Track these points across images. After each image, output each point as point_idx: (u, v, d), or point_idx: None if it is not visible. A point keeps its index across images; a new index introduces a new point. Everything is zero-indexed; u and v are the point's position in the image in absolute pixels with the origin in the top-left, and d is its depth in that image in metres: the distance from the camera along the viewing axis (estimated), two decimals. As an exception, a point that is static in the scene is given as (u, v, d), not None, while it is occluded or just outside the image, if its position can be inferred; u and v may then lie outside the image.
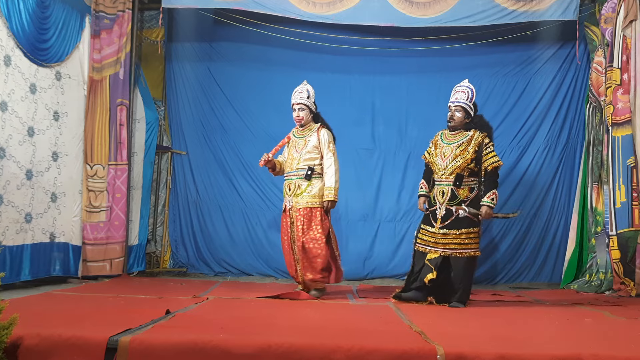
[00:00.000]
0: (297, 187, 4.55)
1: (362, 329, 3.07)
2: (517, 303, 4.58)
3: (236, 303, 4.01)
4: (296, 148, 4.65)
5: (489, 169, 4.18)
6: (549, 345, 2.66)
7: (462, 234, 4.12)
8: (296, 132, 4.76)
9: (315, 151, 4.60)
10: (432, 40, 6.12)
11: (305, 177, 4.53)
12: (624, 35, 5.20)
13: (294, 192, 4.56)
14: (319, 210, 4.51)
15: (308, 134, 4.67)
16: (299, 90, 4.75)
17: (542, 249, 6.20)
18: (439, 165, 4.27)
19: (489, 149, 4.22)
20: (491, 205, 4.13)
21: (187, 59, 6.52)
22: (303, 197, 4.51)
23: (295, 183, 4.57)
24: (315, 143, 4.60)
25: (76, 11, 5.39)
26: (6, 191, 4.48)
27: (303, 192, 4.52)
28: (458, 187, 4.17)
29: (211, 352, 2.43)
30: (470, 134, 4.27)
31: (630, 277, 5.02)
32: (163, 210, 6.48)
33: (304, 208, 4.49)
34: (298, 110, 4.69)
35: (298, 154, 4.61)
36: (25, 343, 2.46)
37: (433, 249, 4.18)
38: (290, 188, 4.60)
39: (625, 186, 5.07)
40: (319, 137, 4.63)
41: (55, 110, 5.12)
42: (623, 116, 5.15)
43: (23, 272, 4.66)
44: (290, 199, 4.57)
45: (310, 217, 4.49)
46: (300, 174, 4.56)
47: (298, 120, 4.71)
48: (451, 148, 4.25)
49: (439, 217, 4.20)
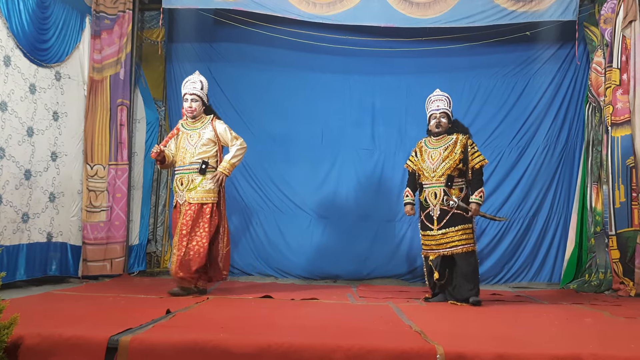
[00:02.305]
0: (191, 181, 4.34)
1: (362, 328, 3.07)
2: (516, 303, 4.58)
3: (236, 303, 4.01)
4: (189, 141, 4.42)
5: (476, 167, 4.38)
6: (548, 345, 2.66)
7: (458, 230, 4.28)
8: (186, 124, 4.51)
9: (211, 144, 4.42)
10: (432, 40, 6.13)
11: (200, 171, 4.33)
12: (624, 35, 5.21)
13: (187, 187, 4.34)
14: (210, 206, 4.33)
15: (201, 126, 4.46)
16: (191, 80, 4.51)
17: (542, 248, 6.20)
18: (429, 169, 4.41)
19: (474, 149, 4.43)
20: (479, 202, 4.33)
21: (187, 59, 6.53)
22: (197, 191, 4.32)
23: (188, 177, 4.36)
24: (211, 136, 4.42)
25: (76, 11, 5.39)
26: (5, 191, 4.48)
27: (197, 187, 4.33)
28: (450, 188, 4.32)
29: (211, 351, 2.43)
30: (454, 137, 4.45)
31: (630, 277, 5.03)
32: (163, 210, 6.48)
33: (195, 203, 4.30)
34: (191, 102, 4.45)
35: (192, 148, 4.39)
36: (26, 343, 2.46)
37: (436, 251, 4.33)
38: (182, 182, 4.38)
39: (625, 186, 5.08)
40: (215, 129, 4.45)
41: (55, 110, 5.13)
42: (622, 116, 5.16)
43: (18, 272, 4.66)
44: (183, 193, 4.36)
45: (199, 213, 4.30)
46: (194, 168, 4.36)
47: (190, 112, 4.46)
48: (439, 151, 4.41)
49: (435, 218, 4.33)
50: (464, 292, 4.27)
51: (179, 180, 4.42)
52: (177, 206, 4.45)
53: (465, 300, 4.27)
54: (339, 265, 6.15)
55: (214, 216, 4.36)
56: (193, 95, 4.45)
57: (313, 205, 6.33)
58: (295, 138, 6.40)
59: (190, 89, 4.47)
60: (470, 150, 4.39)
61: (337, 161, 6.40)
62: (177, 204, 4.44)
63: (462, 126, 4.57)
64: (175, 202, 4.48)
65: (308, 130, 6.40)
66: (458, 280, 4.31)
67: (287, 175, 6.38)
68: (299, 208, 6.34)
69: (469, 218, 4.33)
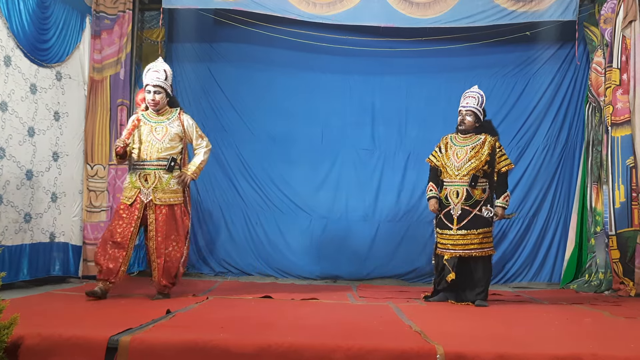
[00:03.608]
0: (158, 179, 4.07)
1: (362, 328, 3.07)
2: (516, 303, 4.59)
3: (236, 303, 4.02)
4: (155, 135, 4.10)
5: (502, 170, 4.33)
6: (548, 345, 2.66)
7: (480, 233, 4.23)
8: (149, 117, 4.18)
9: (177, 140, 4.16)
10: (432, 40, 6.13)
11: (168, 168, 4.07)
12: (624, 35, 5.20)
13: (154, 185, 4.06)
14: (179, 207, 4.15)
15: (167, 120, 4.18)
16: (153, 69, 4.15)
17: (542, 248, 6.20)
18: (453, 166, 4.33)
19: (502, 152, 4.38)
20: (505, 207, 4.31)
21: (187, 59, 6.53)
22: (165, 192, 4.07)
23: (154, 174, 4.07)
24: (178, 131, 4.16)
25: (76, 11, 5.39)
26: (6, 191, 4.49)
27: (164, 187, 4.08)
28: (473, 188, 4.25)
29: (211, 351, 2.43)
30: (482, 137, 4.38)
31: (630, 277, 5.03)
32: (163, 210, 6.48)
33: (165, 205, 4.07)
34: (154, 93, 4.10)
35: (160, 142, 4.09)
36: (26, 343, 2.46)
37: (452, 251, 4.26)
38: (148, 179, 4.07)
39: (625, 186, 5.08)
40: (183, 123, 4.20)
41: (56, 110, 5.13)
42: (622, 116, 5.16)
43: (21, 272, 4.66)
44: (148, 192, 4.05)
45: (172, 216, 4.10)
46: (161, 165, 4.08)
47: (153, 104, 4.13)
48: (465, 150, 4.34)
49: (455, 217, 4.27)
50: (471, 295, 4.25)
51: (144, 176, 4.09)
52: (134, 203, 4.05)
53: (466, 300, 4.25)
54: (339, 265, 6.16)
55: (184, 217, 4.19)
56: (156, 87, 4.11)
57: (313, 205, 6.34)
58: (295, 138, 6.41)
59: (152, 80, 4.10)
60: (497, 153, 4.32)
61: (337, 161, 6.40)
62: (137, 201, 4.05)
63: (492, 127, 4.49)
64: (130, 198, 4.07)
65: (308, 130, 6.40)
66: (468, 283, 4.28)
67: (287, 175, 6.39)
68: (299, 208, 6.34)
69: (490, 221, 4.27)
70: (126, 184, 4.19)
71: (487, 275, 4.29)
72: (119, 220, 4.07)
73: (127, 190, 4.14)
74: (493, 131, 4.46)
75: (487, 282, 4.30)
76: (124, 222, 4.06)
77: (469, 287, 4.29)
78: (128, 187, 4.14)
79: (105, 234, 4.15)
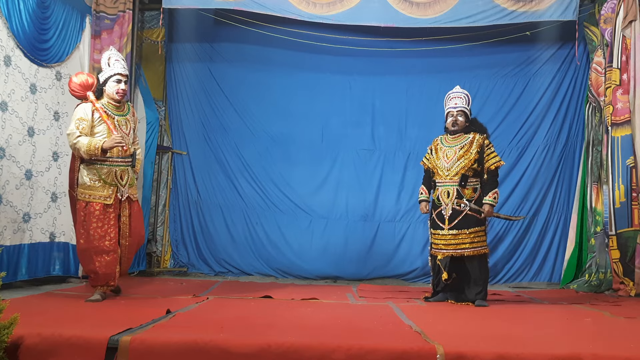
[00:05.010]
0: (129, 176, 4.02)
1: (362, 328, 3.07)
2: (516, 303, 4.58)
3: (236, 303, 4.02)
4: (123, 130, 3.97)
5: (491, 168, 4.29)
6: (548, 345, 2.66)
7: (471, 233, 4.22)
8: (112, 109, 3.99)
9: (133, 134, 4.12)
10: (432, 40, 6.13)
11: (132, 165, 4.04)
12: (624, 35, 5.20)
13: (128, 182, 3.99)
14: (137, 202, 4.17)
15: (128, 113, 4.08)
16: (115, 58, 4.03)
17: (542, 248, 6.21)
18: (443, 167, 4.34)
19: (490, 150, 4.34)
20: (493, 204, 4.25)
21: (187, 59, 6.53)
22: (134, 188, 4.08)
23: (127, 171, 4.00)
24: (135, 125, 4.15)
25: (76, 11, 5.39)
26: (5, 191, 4.48)
27: (133, 183, 4.06)
28: (463, 187, 4.25)
29: (211, 351, 2.44)
30: (470, 136, 4.37)
31: (630, 277, 5.03)
32: (164, 210, 6.48)
33: (136, 201, 4.09)
34: (124, 83, 3.99)
35: (128, 137, 4.00)
36: (26, 343, 2.47)
37: (445, 251, 4.26)
38: (122, 177, 3.94)
39: (625, 186, 5.08)
40: (135, 116, 4.19)
41: (56, 110, 5.13)
42: (622, 116, 5.16)
43: (20, 272, 4.65)
44: (125, 190, 3.96)
45: (140, 211, 4.14)
46: (128, 161, 4.00)
47: (122, 94, 3.98)
48: (454, 150, 4.33)
49: (446, 217, 4.27)
50: (471, 295, 4.25)
51: (118, 174, 3.92)
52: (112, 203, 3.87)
53: (466, 300, 4.26)
54: (339, 265, 6.16)
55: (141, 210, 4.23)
56: (126, 77, 4.03)
57: (313, 205, 6.34)
58: (295, 138, 6.41)
59: (121, 69, 3.99)
60: (486, 151, 4.30)
61: (337, 161, 6.40)
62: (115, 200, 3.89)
63: (481, 125, 4.48)
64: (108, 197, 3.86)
65: (308, 130, 6.40)
66: (466, 283, 4.28)
67: (287, 175, 6.39)
68: (299, 208, 6.34)
69: (482, 220, 4.25)
70: (94, 182, 3.86)
71: (484, 274, 4.28)
72: (99, 223, 3.83)
73: (97, 189, 3.85)
74: (482, 129, 4.44)
75: (485, 281, 4.28)
76: (106, 225, 3.85)
77: (467, 286, 4.29)
78: (99, 186, 3.86)
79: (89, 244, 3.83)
